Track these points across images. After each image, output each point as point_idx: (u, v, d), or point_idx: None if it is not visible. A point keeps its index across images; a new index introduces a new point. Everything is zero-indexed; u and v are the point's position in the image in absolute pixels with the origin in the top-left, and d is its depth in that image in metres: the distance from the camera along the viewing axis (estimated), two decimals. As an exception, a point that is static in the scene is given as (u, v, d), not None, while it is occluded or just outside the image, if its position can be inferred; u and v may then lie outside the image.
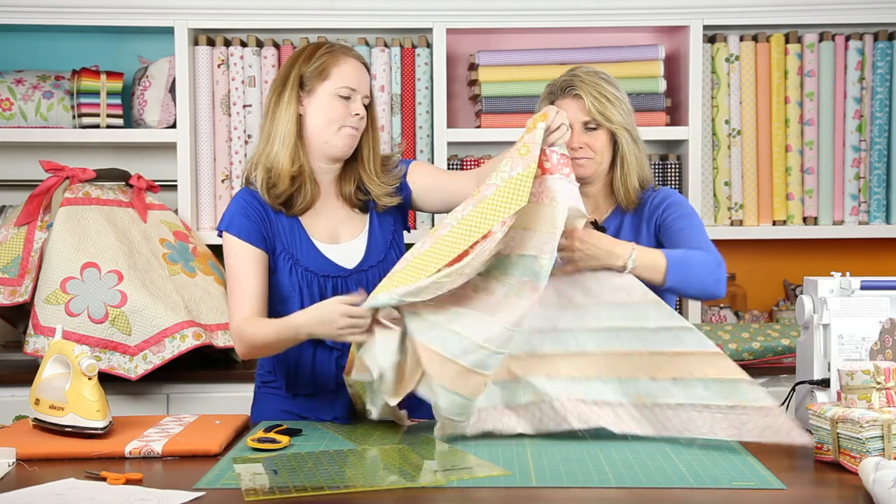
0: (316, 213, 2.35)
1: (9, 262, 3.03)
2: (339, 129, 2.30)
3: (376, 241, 2.39)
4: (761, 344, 3.12)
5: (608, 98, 2.35)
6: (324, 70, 2.29)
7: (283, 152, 2.29)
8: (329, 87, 2.29)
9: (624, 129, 2.37)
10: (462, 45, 3.53)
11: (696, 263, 2.25)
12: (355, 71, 2.31)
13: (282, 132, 2.30)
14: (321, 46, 2.34)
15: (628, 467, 1.93)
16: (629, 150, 2.39)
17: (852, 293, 2.29)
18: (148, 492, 1.77)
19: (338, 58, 2.31)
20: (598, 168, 2.39)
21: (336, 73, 2.29)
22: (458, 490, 1.80)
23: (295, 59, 2.33)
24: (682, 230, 2.36)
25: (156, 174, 3.41)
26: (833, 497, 1.78)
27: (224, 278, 3.23)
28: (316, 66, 2.30)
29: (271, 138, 2.31)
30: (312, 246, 2.33)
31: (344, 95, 2.29)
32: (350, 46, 2.38)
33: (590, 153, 2.36)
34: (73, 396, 2.09)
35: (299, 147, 2.30)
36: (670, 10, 3.35)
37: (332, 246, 2.35)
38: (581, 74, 2.38)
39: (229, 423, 2.22)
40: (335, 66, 2.30)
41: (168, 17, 3.32)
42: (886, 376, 1.95)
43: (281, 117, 2.30)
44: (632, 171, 2.40)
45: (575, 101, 2.36)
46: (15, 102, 3.31)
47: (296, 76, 2.31)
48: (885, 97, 3.40)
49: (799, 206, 3.43)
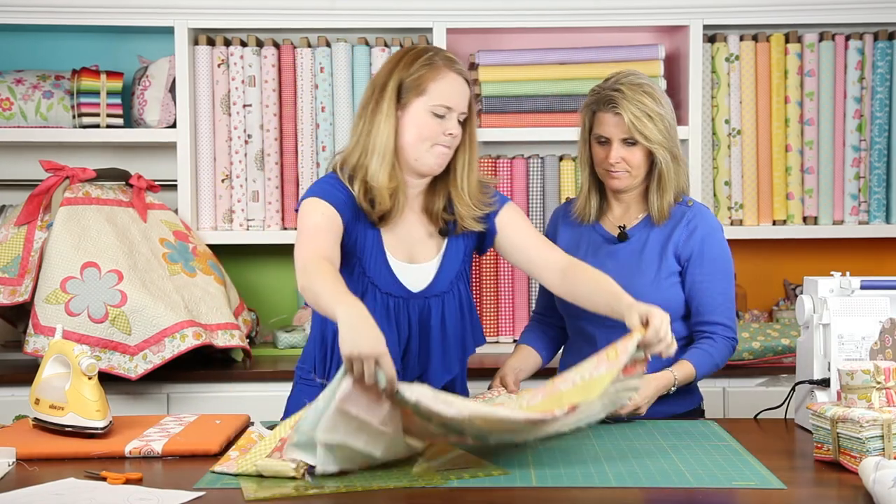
0: (395, 225, 2.26)
1: (9, 262, 3.03)
2: (431, 147, 2.19)
3: (447, 270, 2.31)
4: (761, 344, 3.12)
5: (649, 115, 2.32)
6: (420, 84, 2.18)
7: (382, 170, 2.18)
8: (424, 104, 2.18)
9: (662, 147, 2.34)
10: (462, 45, 3.53)
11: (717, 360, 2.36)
12: (453, 87, 2.20)
13: (381, 147, 2.18)
14: (422, 54, 2.21)
15: (628, 467, 1.93)
16: (667, 168, 2.37)
17: (852, 293, 2.29)
18: (148, 492, 1.77)
19: (436, 72, 2.19)
20: (634, 182, 2.39)
21: (433, 89, 2.18)
22: (458, 490, 1.80)
23: (395, 65, 2.22)
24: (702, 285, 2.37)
25: (156, 174, 3.41)
26: (833, 497, 1.78)
27: (223, 277, 3.24)
28: (413, 77, 2.18)
29: (368, 150, 2.20)
30: (385, 260, 2.25)
31: (439, 114, 2.18)
32: (452, 57, 2.24)
33: (626, 167, 2.36)
34: (73, 396, 2.09)
35: (395, 162, 2.21)
36: (670, 9, 3.35)
37: (406, 265, 2.27)
38: (624, 89, 2.34)
39: (229, 423, 2.22)
40: (432, 82, 2.18)
41: (168, 17, 3.32)
42: (886, 376, 1.95)
43: (381, 129, 2.19)
44: (668, 188, 2.38)
45: (615, 117, 2.34)
46: (15, 102, 3.31)
47: (395, 85, 2.20)
48: (885, 97, 3.40)
49: (799, 205, 3.43)
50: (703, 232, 2.39)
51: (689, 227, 2.39)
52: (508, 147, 3.52)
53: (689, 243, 2.38)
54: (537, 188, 3.40)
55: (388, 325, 2.23)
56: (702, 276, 2.37)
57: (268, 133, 3.37)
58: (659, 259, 2.38)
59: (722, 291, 2.38)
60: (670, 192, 2.39)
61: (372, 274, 2.24)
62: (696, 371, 2.32)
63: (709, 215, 2.43)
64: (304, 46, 3.39)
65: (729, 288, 2.39)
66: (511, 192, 3.40)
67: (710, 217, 2.43)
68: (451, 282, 2.32)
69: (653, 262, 2.38)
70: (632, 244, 2.42)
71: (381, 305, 2.24)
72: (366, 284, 2.24)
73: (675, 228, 2.40)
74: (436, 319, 2.29)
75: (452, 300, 2.32)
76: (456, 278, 2.32)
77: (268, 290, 3.59)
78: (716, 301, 2.37)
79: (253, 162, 3.38)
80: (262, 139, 3.38)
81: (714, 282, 2.37)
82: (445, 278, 2.31)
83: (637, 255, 2.40)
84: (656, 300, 2.30)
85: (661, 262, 2.38)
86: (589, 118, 2.40)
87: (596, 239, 2.45)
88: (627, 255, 2.41)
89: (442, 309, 2.30)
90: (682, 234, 2.38)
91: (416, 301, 2.27)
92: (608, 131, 2.35)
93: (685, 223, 2.39)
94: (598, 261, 2.38)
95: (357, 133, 2.23)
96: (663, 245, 2.39)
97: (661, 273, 2.37)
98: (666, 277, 2.37)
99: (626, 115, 2.31)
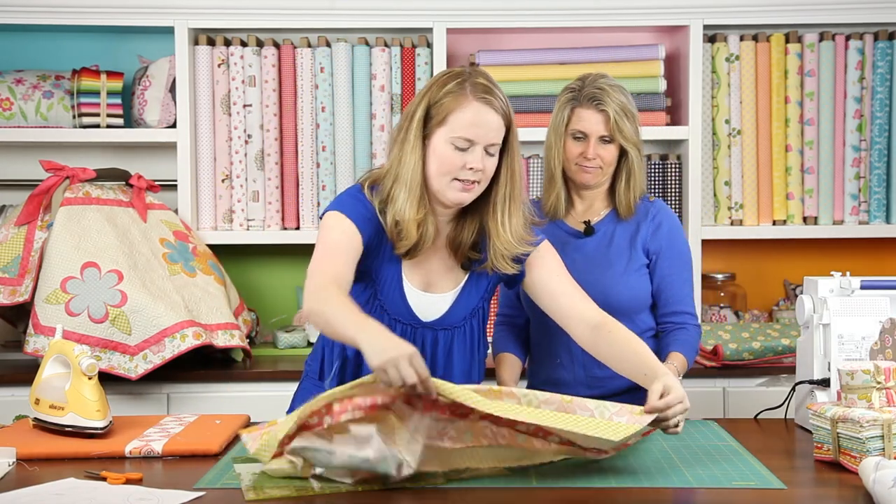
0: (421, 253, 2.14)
1: (9, 262, 3.03)
2: (451, 182, 2.05)
3: (462, 305, 2.19)
4: (761, 344, 3.12)
5: (627, 114, 2.40)
6: (442, 113, 2.05)
7: (409, 204, 2.06)
8: (445, 135, 2.05)
9: (635, 145, 2.43)
10: (462, 45, 3.53)
11: (696, 346, 2.45)
12: (477, 117, 2.03)
13: (408, 179, 2.06)
14: (453, 80, 2.07)
15: (628, 467, 1.93)
16: (637, 166, 2.45)
17: (852, 293, 2.29)
18: (148, 492, 1.77)
19: (459, 101, 2.04)
20: (603, 178, 2.46)
21: (454, 120, 2.04)
22: (458, 490, 1.80)
23: (428, 88, 2.10)
24: (671, 277, 2.46)
25: (156, 174, 3.41)
26: (833, 497, 1.78)
27: (223, 278, 3.24)
28: (438, 105, 2.06)
29: (397, 181, 2.08)
30: (400, 285, 2.15)
31: (460, 147, 2.04)
32: (485, 83, 2.07)
33: (600, 163, 2.42)
34: (73, 396, 2.09)
35: (425, 193, 2.09)
36: (670, 9, 3.35)
37: (421, 293, 2.16)
38: (606, 87, 2.40)
39: (229, 423, 2.22)
40: (455, 112, 2.04)
41: (168, 17, 3.32)
42: (886, 376, 1.95)
43: (407, 160, 2.07)
44: (637, 185, 2.47)
45: (598, 114, 2.39)
46: (15, 102, 3.31)
47: (422, 113, 2.07)
48: (885, 97, 3.40)
49: (799, 205, 3.43)
50: (668, 227, 2.48)
51: (655, 221, 2.47)
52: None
53: (656, 238, 2.46)
54: (537, 188, 3.40)
55: None
56: (670, 269, 2.46)
57: (268, 133, 3.38)
58: (629, 252, 2.45)
59: (686, 281, 2.49)
60: (638, 190, 2.47)
61: (384, 297, 2.14)
62: (686, 361, 2.40)
63: (669, 211, 2.52)
64: (304, 46, 3.39)
65: (690, 278, 2.50)
66: (511, 192, 3.39)
67: (671, 212, 2.52)
68: (465, 317, 2.21)
69: (622, 255, 2.45)
70: (598, 238, 2.48)
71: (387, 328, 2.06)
72: (375, 306, 2.15)
73: (640, 223, 2.48)
74: (442, 352, 2.20)
75: (462, 336, 2.22)
76: (471, 314, 2.22)
77: (268, 290, 3.59)
78: (683, 292, 2.47)
79: (253, 162, 3.38)
80: (262, 139, 3.38)
81: (680, 274, 2.47)
82: (459, 313, 2.20)
83: (604, 248, 2.46)
84: (625, 291, 2.42)
85: (631, 255, 2.45)
86: (568, 113, 2.43)
87: (560, 235, 2.47)
88: (594, 248, 2.47)
89: (450, 343, 2.21)
90: (649, 229, 2.46)
91: (424, 331, 2.17)
92: (588, 127, 2.40)
93: (650, 218, 2.47)
94: (566, 255, 2.36)
95: (390, 159, 2.12)
96: (631, 239, 2.46)
97: (630, 266, 2.44)
98: (635, 270, 2.45)
99: (610, 112, 2.37)
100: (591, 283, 2.34)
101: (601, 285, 2.38)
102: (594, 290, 2.31)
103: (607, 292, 2.38)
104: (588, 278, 2.36)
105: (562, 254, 2.33)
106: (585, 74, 2.47)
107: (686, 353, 2.40)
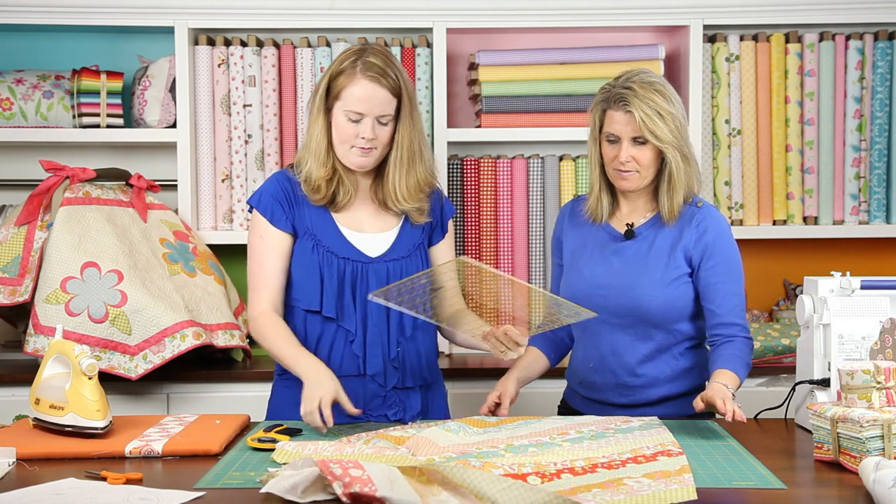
0: (348, 206, 2.39)
1: (9, 262, 3.03)
2: (350, 149, 2.32)
3: (404, 240, 2.40)
4: (761, 344, 3.12)
5: (660, 114, 2.28)
6: (337, 89, 2.30)
7: (315, 165, 2.34)
8: (340, 108, 2.31)
9: (672, 146, 2.30)
10: (462, 45, 3.53)
11: (747, 360, 2.33)
12: (365, 93, 2.28)
13: (314, 147, 2.35)
14: (348, 59, 2.32)
15: (628, 467, 1.93)
16: (677, 168, 2.33)
17: (852, 293, 2.29)
18: (148, 492, 1.77)
19: (349, 78, 2.30)
20: (643, 182, 2.35)
21: (346, 95, 2.30)
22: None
23: (330, 66, 2.35)
24: (716, 287, 2.34)
25: (156, 174, 3.41)
26: (833, 497, 1.78)
27: (223, 277, 3.24)
28: (335, 82, 2.31)
29: (306, 148, 2.37)
30: (337, 230, 2.36)
31: (353, 119, 2.30)
32: (374, 62, 2.31)
33: (636, 166, 2.32)
34: (73, 396, 2.09)
35: (331, 153, 2.35)
36: (670, 9, 3.35)
37: (358, 233, 2.37)
38: (635, 87, 2.30)
39: (229, 423, 2.22)
40: (347, 88, 2.29)
41: (168, 17, 3.32)
42: (886, 376, 1.95)
43: (313, 130, 2.35)
44: (678, 188, 2.35)
45: (626, 115, 2.30)
46: (15, 102, 3.31)
47: (324, 88, 2.33)
48: (885, 97, 3.40)
49: (799, 205, 3.43)
50: (714, 233, 2.36)
51: (700, 228, 2.36)
52: (508, 147, 3.52)
53: (699, 245, 2.35)
54: (537, 188, 3.40)
55: (349, 292, 2.33)
56: (715, 278, 2.34)
57: (268, 133, 3.38)
58: (667, 258, 2.35)
59: (736, 293, 2.36)
60: (680, 192, 2.35)
61: (328, 242, 2.35)
62: (737, 377, 2.28)
63: (718, 216, 2.40)
64: (304, 46, 3.39)
65: (741, 289, 2.38)
66: (511, 192, 3.40)
67: (720, 217, 2.40)
68: (411, 249, 2.40)
69: (660, 260, 2.35)
70: (639, 242, 2.39)
71: (338, 272, 2.33)
72: (322, 253, 2.33)
73: (684, 229, 2.37)
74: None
75: (415, 265, 2.38)
76: (416, 249, 2.41)
77: (268, 290, 3.59)
78: (731, 303, 2.35)
79: (253, 162, 3.38)
80: (262, 139, 3.38)
81: (728, 283, 2.35)
82: (405, 245, 2.39)
83: (644, 253, 2.37)
84: (658, 298, 2.32)
85: (669, 262, 2.35)
86: (599, 116, 2.36)
87: (603, 237, 2.43)
88: (634, 253, 2.38)
89: (402, 273, 2.34)
90: (693, 236, 2.36)
91: (375, 266, 2.35)
92: (618, 130, 2.31)
93: (695, 224, 2.36)
94: (604, 258, 2.37)
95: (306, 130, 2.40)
96: (672, 245, 2.36)
97: (667, 273, 2.34)
98: (674, 278, 2.34)
99: (637, 114, 2.28)
100: (624, 288, 2.31)
101: (634, 290, 2.31)
102: (626, 295, 2.29)
103: (639, 298, 2.32)
104: (622, 282, 2.32)
105: (600, 256, 2.33)
106: (624, 71, 2.37)
107: (735, 368, 2.27)
